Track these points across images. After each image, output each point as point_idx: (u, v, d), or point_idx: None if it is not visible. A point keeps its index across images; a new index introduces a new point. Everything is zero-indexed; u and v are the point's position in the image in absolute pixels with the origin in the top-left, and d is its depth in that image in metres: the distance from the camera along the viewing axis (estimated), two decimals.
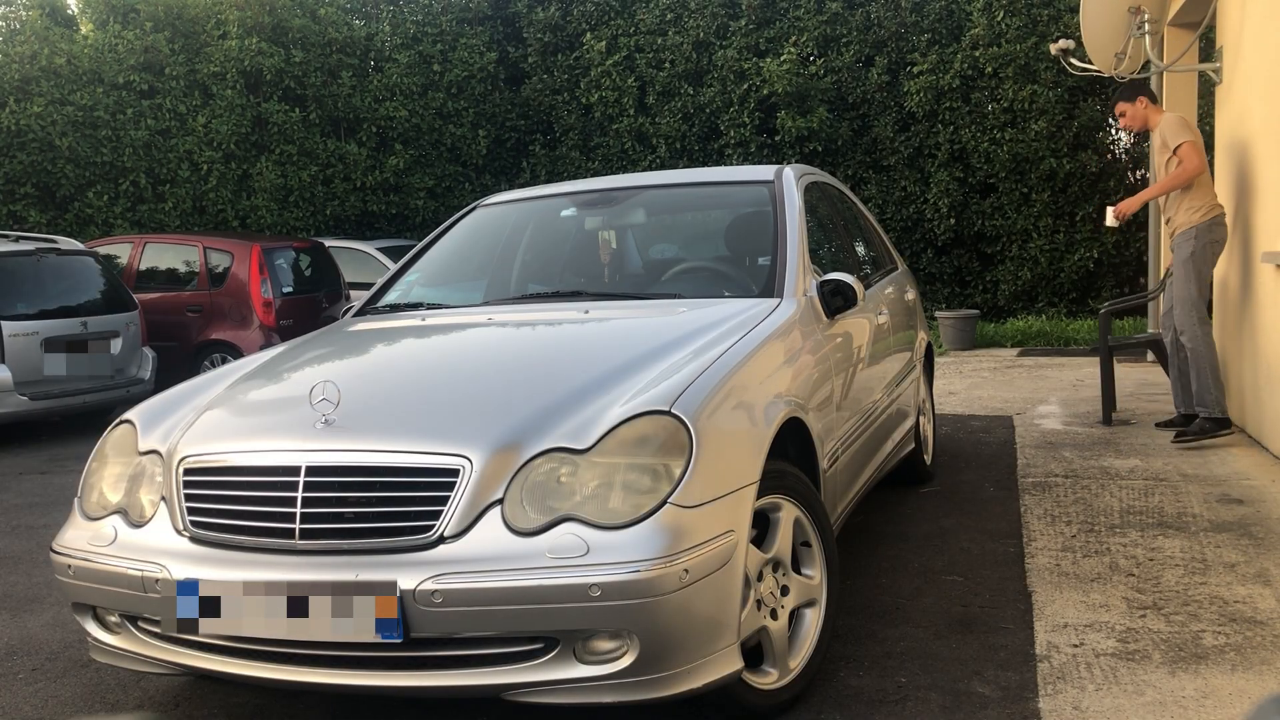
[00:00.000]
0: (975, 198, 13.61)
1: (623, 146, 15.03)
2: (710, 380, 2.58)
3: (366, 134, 14.84)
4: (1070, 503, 4.60)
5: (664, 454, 2.37)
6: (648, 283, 3.99)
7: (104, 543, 2.63)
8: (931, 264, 13.93)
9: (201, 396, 2.97)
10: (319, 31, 14.50)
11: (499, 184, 15.68)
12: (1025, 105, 12.96)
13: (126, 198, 12.95)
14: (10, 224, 12.18)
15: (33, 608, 3.86)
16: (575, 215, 4.29)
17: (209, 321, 9.43)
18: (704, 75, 14.63)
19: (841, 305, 3.47)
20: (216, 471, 2.56)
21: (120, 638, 2.67)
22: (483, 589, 2.23)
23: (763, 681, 2.59)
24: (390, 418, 2.57)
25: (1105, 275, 13.16)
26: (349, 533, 2.36)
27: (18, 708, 2.96)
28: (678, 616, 2.25)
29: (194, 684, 3.06)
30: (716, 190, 4.28)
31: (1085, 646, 2.99)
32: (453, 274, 4.23)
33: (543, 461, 2.37)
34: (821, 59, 14.17)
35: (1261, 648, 2.92)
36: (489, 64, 15.42)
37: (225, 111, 13.52)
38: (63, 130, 12.25)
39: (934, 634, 3.18)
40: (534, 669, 2.29)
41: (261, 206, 13.81)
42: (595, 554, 2.23)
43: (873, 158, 14.21)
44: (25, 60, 12.26)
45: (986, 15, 13.20)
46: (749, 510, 2.47)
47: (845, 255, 4.31)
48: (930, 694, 2.75)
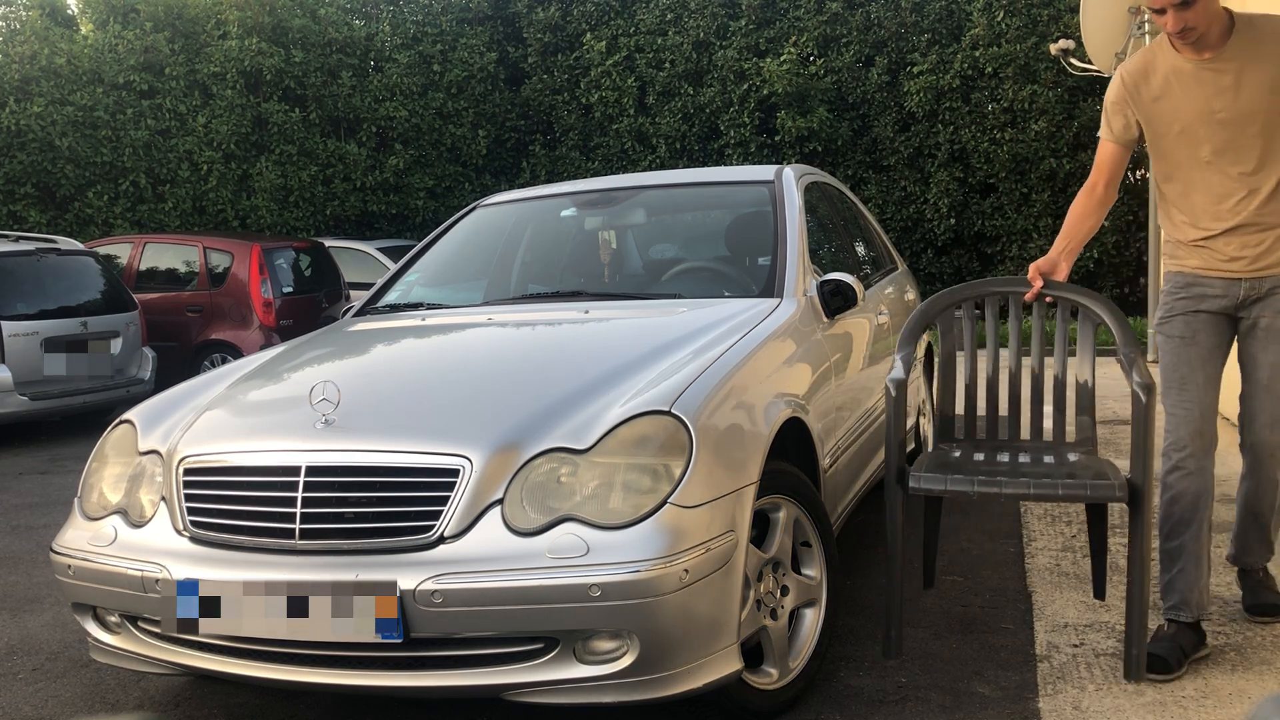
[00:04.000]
0: (975, 198, 13.61)
1: (623, 146, 15.03)
2: (710, 380, 2.58)
3: (366, 134, 14.85)
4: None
5: (664, 454, 2.37)
6: (648, 283, 3.99)
7: (104, 543, 2.63)
8: (931, 264, 13.94)
9: (201, 396, 2.97)
10: (319, 31, 14.50)
11: (499, 184, 15.68)
12: (1025, 105, 12.97)
13: (126, 198, 12.95)
14: (10, 224, 12.18)
15: (33, 608, 3.86)
16: (575, 215, 4.29)
17: (209, 321, 9.43)
18: (704, 75, 14.64)
19: (841, 305, 3.46)
20: (216, 471, 2.56)
21: (120, 638, 2.67)
22: (483, 589, 2.23)
23: (762, 681, 2.59)
24: (390, 418, 2.57)
25: (1105, 275, 13.17)
26: (349, 533, 2.36)
27: (18, 708, 2.96)
28: (678, 617, 2.25)
29: (194, 684, 3.06)
30: (716, 190, 4.27)
31: (1085, 646, 2.99)
32: (453, 274, 4.23)
33: (543, 461, 2.37)
34: (821, 59, 14.17)
35: (1261, 648, 2.92)
36: (489, 64, 15.42)
37: (225, 111, 13.52)
38: (63, 130, 12.25)
39: (934, 634, 3.18)
40: (534, 669, 2.29)
41: (261, 206, 13.81)
42: (595, 554, 2.23)
43: (873, 158, 14.21)
44: (25, 60, 12.26)
45: (986, 15, 13.20)
46: (749, 510, 2.47)
47: (845, 255, 4.31)
48: (930, 694, 2.75)
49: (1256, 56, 2.78)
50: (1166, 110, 2.88)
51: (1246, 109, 2.79)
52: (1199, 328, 2.92)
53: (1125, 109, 2.95)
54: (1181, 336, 2.93)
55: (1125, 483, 2.57)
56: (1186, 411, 2.86)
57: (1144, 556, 2.65)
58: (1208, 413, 2.86)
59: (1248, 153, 2.81)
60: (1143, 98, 2.92)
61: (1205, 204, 2.89)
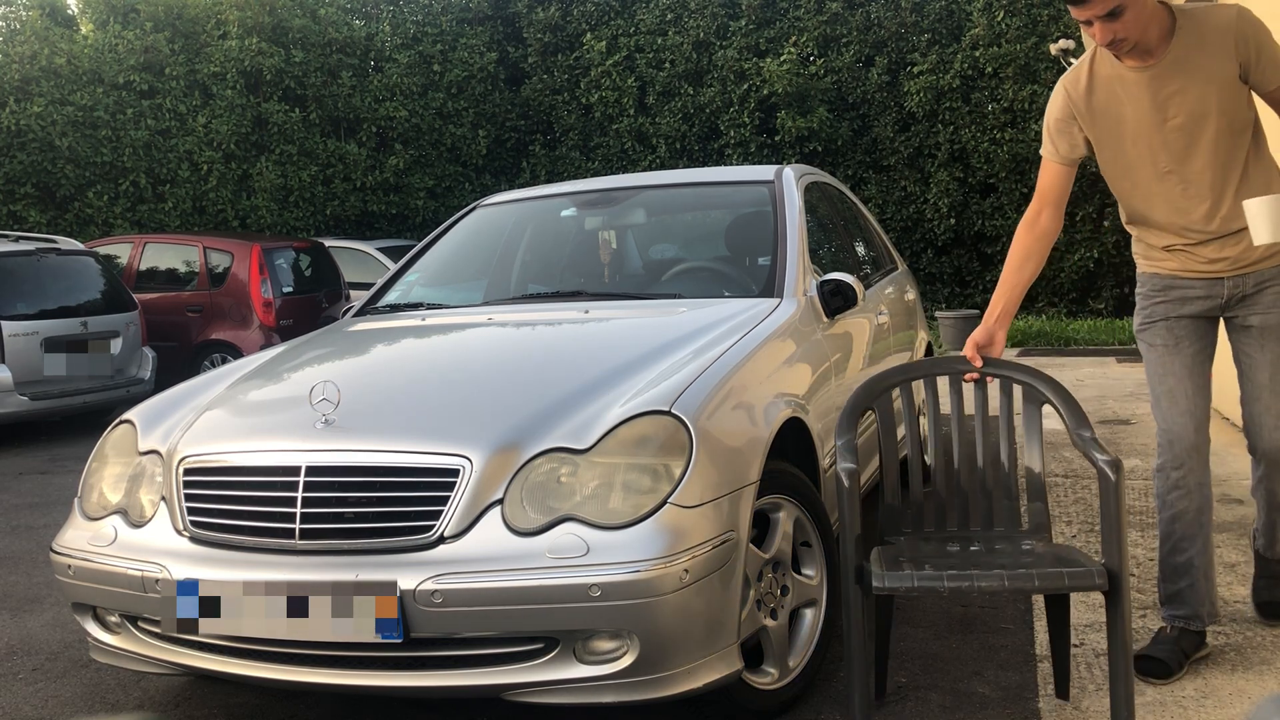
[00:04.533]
0: (975, 198, 13.62)
1: (623, 146, 15.04)
2: (710, 380, 2.58)
3: (366, 134, 14.85)
4: (1070, 503, 4.60)
5: (664, 454, 2.37)
6: (648, 283, 3.99)
7: (104, 543, 2.63)
8: (931, 264, 13.94)
9: (201, 396, 2.97)
10: (319, 31, 14.51)
11: (499, 184, 15.69)
12: (1025, 105, 12.97)
13: (126, 198, 12.96)
14: (10, 224, 12.18)
15: (33, 608, 3.87)
16: (575, 215, 4.29)
17: (209, 321, 9.44)
18: (704, 75, 14.64)
19: (841, 305, 3.46)
20: (216, 471, 2.56)
21: (120, 638, 2.67)
22: (483, 589, 2.23)
23: (762, 681, 2.59)
24: (390, 418, 2.57)
25: (1105, 275, 13.17)
26: (349, 533, 2.36)
27: (18, 708, 2.96)
28: (678, 616, 2.25)
29: (194, 684, 3.06)
30: (716, 190, 4.27)
31: (1085, 647, 2.99)
32: (453, 274, 4.23)
33: (543, 461, 2.37)
34: (821, 59, 14.18)
35: (1261, 648, 2.92)
36: (489, 64, 15.43)
37: (225, 111, 13.52)
38: (63, 130, 12.26)
39: (934, 634, 3.18)
40: (534, 669, 2.29)
41: (261, 206, 13.81)
42: (595, 554, 2.23)
43: (873, 158, 14.21)
44: (25, 60, 12.26)
45: (986, 15, 13.21)
46: (749, 510, 2.47)
47: (845, 255, 4.31)
48: (930, 694, 2.76)
49: (1201, 52, 2.56)
50: (1114, 122, 2.67)
51: (1198, 110, 2.58)
52: (1182, 334, 2.74)
53: (1070, 126, 2.73)
54: (1165, 344, 2.75)
55: (1103, 569, 2.31)
56: (1180, 425, 2.71)
57: (1125, 646, 2.33)
58: (1201, 424, 2.72)
59: (1207, 156, 2.61)
60: (1089, 111, 2.70)
61: (1170, 217, 2.68)
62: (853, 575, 2.40)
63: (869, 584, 2.35)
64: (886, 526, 2.73)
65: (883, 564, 2.41)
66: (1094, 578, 2.28)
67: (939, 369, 2.81)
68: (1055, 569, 2.30)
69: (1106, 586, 2.30)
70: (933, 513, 2.74)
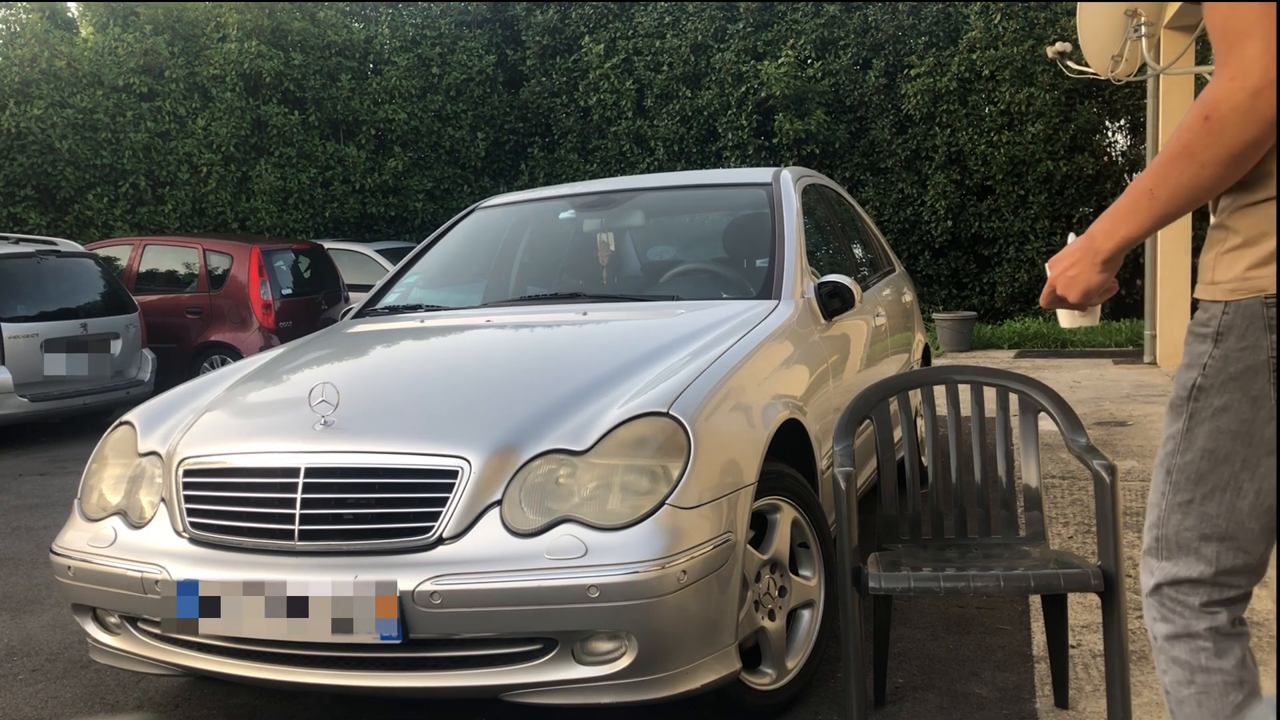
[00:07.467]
0: (972, 200, 13.63)
1: (621, 149, 15.05)
2: (708, 382, 2.59)
3: (365, 136, 14.86)
4: (1067, 504, 4.61)
5: (662, 455, 2.38)
6: (646, 285, 4.00)
7: (104, 544, 2.64)
8: (929, 266, 13.95)
9: (201, 398, 2.98)
10: (318, 34, 14.52)
11: (497, 186, 15.70)
12: (1022, 108, 12.99)
13: (126, 200, 12.96)
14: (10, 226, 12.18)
15: (33, 609, 3.87)
16: (574, 217, 4.30)
17: (208, 323, 9.45)
18: (702, 78, 14.65)
19: (839, 307, 3.48)
20: (216, 473, 2.57)
21: (120, 639, 2.68)
22: (482, 590, 2.24)
23: (760, 682, 2.60)
24: (389, 419, 2.58)
25: None
26: (348, 534, 2.37)
27: (18, 708, 2.97)
28: (676, 617, 2.26)
29: (194, 684, 3.07)
30: (714, 192, 4.29)
31: (1083, 647, 3.00)
32: (451, 276, 4.24)
33: (541, 463, 2.38)
34: (819, 62, 14.19)
35: (1260, 648, 2.93)
36: (487, 67, 15.44)
37: (225, 114, 13.53)
38: (63, 133, 12.26)
39: (931, 635, 3.19)
40: (533, 670, 2.30)
41: (261, 209, 13.82)
42: (594, 555, 2.24)
43: (870, 160, 14.23)
44: (25, 63, 12.27)
45: (983, 18, 13.23)
46: (747, 511, 2.48)
47: (843, 257, 4.32)
48: (927, 694, 2.76)
49: None
50: None
51: None
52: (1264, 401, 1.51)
53: None
54: (1242, 417, 1.52)
55: (1099, 570, 2.28)
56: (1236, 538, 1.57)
57: (1121, 647, 2.28)
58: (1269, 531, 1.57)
59: None
60: None
61: None
62: (849, 578, 2.40)
63: (866, 586, 2.36)
64: (884, 534, 2.74)
65: (879, 565, 2.42)
66: (1090, 579, 2.30)
67: (934, 379, 2.82)
68: (1051, 570, 2.32)
69: (1102, 587, 2.31)
70: (930, 520, 2.75)
